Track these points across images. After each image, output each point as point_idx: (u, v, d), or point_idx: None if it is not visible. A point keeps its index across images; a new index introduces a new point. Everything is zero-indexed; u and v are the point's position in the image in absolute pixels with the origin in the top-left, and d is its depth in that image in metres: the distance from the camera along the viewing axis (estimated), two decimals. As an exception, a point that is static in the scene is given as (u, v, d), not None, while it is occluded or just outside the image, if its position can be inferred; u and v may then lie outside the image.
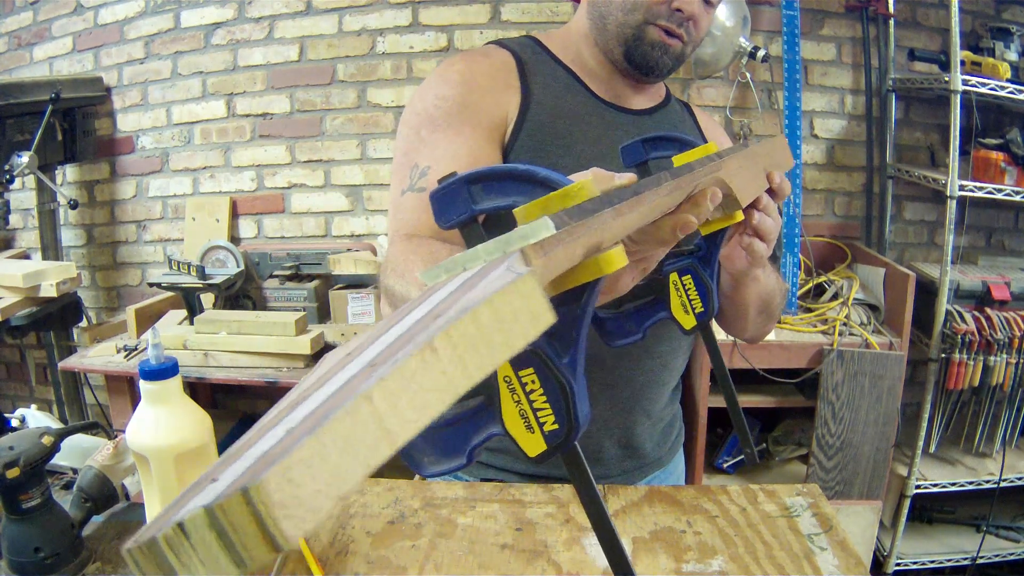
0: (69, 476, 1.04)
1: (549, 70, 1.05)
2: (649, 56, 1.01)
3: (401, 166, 0.98)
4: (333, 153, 2.52)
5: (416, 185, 0.94)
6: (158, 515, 0.21)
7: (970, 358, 1.99)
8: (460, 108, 0.96)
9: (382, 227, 2.54)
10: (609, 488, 0.96)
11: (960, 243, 2.22)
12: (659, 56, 1.01)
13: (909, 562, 2.18)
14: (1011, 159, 2.04)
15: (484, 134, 0.95)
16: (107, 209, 2.71)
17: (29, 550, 0.79)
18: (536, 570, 0.82)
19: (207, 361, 2.06)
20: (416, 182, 0.94)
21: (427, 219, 0.85)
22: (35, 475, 0.79)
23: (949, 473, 2.16)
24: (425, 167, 0.93)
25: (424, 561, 0.83)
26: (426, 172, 0.93)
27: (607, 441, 1.07)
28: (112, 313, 2.76)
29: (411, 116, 0.99)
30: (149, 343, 0.74)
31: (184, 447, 0.74)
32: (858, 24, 2.31)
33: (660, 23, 0.99)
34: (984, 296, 2.10)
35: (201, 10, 2.48)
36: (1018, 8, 2.29)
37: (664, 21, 0.99)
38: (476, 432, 0.43)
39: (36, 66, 2.66)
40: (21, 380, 2.91)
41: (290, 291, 2.32)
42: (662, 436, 1.14)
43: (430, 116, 0.96)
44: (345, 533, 0.89)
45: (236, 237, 2.61)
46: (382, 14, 2.40)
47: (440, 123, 0.96)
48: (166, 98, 2.58)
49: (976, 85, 1.95)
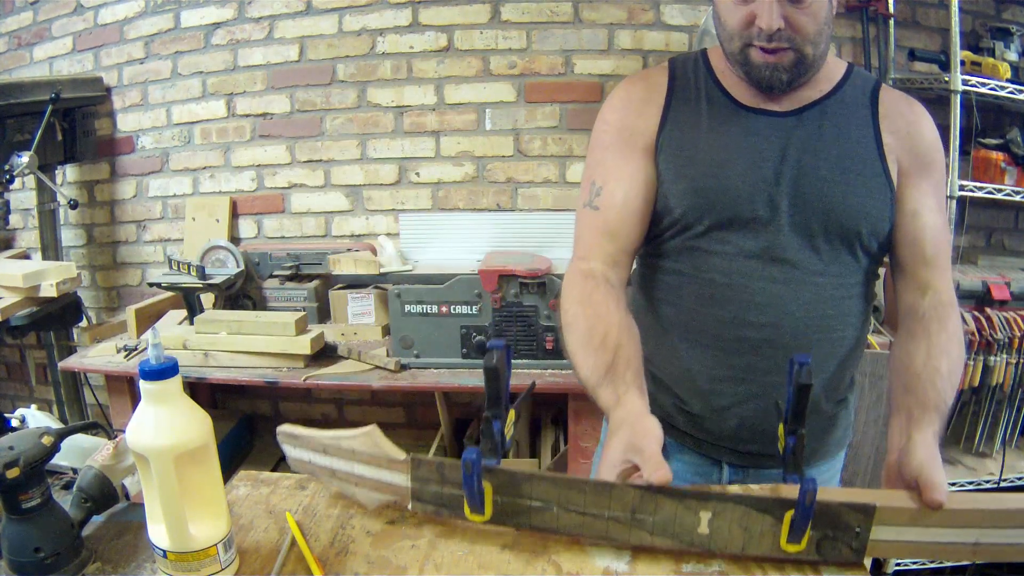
0: (69, 476, 1.04)
1: (699, 84, 1.13)
2: (762, 76, 1.04)
3: (584, 180, 1.15)
4: (333, 153, 2.52)
5: (592, 202, 1.12)
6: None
7: (970, 358, 1.99)
8: (620, 130, 1.13)
9: (382, 227, 2.54)
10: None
11: (960, 243, 2.22)
12: (770, 74, 1.03)
13: (909, 562, 2.18)
14: (1011, 159, 2.04)
15: (640, 153, 1.11)
16: (107, 209, 2.71)
17: (29, 550, 0.79)
18: (536, 570, 0.82)
19: (207, 361, 2.06)
20: (592, 199, 1.12)
21: (598, 241, 1.09)
22: (35, 475, 0.79)
23: (949, 473, 2.16)
24: (599, 186, 1.12)
25: (424, 561, 0.83)
26: (600, 191, 1.11)
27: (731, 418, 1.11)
28: (112, 313, 2.76)
29: (592, 138, 1.17)
30: (149, 343, 0.74)
31: (184, 447, 0.74)
32: (858, 24, 2.31)
33: (757, 43, 1.02)
34: (984, 296, 2.10)
35: (201, 10, 2.48)
36: (1018, 8, 2.29)
37: (759, 41, 1.01)
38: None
39: (36, 66, 2.66)
40: (21, 380, 2.91)
41: (290, 291, 2.32)
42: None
43: (600, 139, 1.14)
44: (345, 533, 0.89)
45: (236, 237, 2.62)
46: (382, 14, 2.40)
47: (608, 145, 1.13)
48: (166, 98, 2.57)
49: (976, 85, 1.95)
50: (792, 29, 1.00)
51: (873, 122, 1.09)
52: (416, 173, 2.50)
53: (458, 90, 2.43)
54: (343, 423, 2.72)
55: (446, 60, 2.41)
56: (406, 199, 2.52)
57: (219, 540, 0.78)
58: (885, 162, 1.07)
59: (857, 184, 1.05)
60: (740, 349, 1.08)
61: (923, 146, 1.09)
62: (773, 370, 1.07)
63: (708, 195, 1.08)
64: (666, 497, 0.83)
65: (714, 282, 1.08)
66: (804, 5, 0.99)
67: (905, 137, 1.08)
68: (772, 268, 1.06)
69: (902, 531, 0.81)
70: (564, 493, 0.85)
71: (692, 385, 1.13)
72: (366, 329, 2.26)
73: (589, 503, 0.84)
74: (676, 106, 1.12)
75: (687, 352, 1.12)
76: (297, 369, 2.04)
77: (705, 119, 1.11)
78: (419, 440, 2.54)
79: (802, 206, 1.05)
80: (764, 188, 1.06)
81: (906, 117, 1.10)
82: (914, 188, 1.08)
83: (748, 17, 1.01)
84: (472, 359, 2.01)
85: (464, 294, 1.96)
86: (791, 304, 1.06)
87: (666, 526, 0.83)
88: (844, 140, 1.07)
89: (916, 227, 1.09)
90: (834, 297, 1.08)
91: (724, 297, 1.08)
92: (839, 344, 1.11)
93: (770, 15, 0.98)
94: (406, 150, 2.49)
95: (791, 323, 1.06)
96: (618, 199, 1.10)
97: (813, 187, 1.05)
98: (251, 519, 0.92)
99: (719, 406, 1.12)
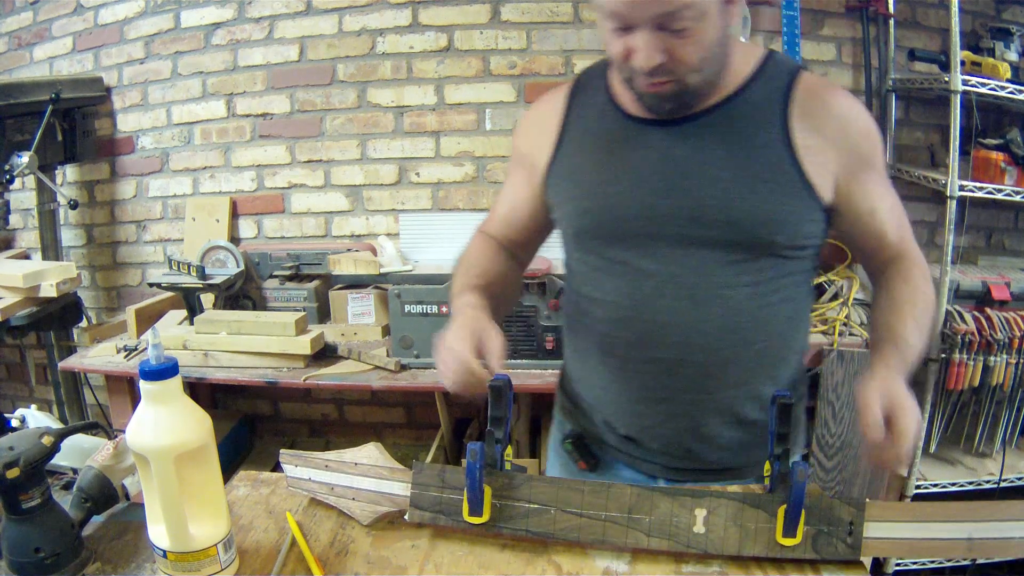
0: (69, 476, 1.04)
1: (595, 99, 1.11)
2: (651, 105, 1.00)
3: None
4: (333, 153, 2.52)
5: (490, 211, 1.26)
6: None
7: (970, 358, 1.99)
8: (517, 155, 1.20)
9: (382, 227, 2.55)
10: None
11: (960, 243, 2.21)
12: (659, 103, 0.99)
13: (909, 562, 2.18)
14: (1011, 159, 2.04)
15: (528, 175, 1.17)
16: (107, 209, 2.71)
17: (29, 550, 0.79)
18: (536, 570, 0.82)
19: (207, 361, 2.06)
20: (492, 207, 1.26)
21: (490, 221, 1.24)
22: (35, 475, 0.79)
23: (949, 473, 2.16)
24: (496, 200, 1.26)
25: (424, 561, 0.83)
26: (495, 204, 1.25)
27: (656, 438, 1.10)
28: (112, 313, 2.76)
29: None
30: (149, 343, 0.74)
31: (184, 447, 0.74)
32: (858, 24, 2.31)
33: (639, 77, 0.96)
34: (984, 296, 2.10)
35: (201, 10, 2.48)
36: (1018, 8, 2.28)
37: (641, 76, 0.95)
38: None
39: (36, 66, 2.66)
40: (21, 380, 2.91)
41: (290, 291, 2.32)
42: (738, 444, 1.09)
43: (512, 154, 1.23)
44: (345, 533, 0.89)
45: (236, 237, 2.62)
46: (382, 14, 2.40)
47: (511, 164, 1.23)
48: (166, 98, 2.58)
49: (976, 85, 1.94)
50: (673, 61, 0.92)
51: (783, 123, 0.99)
52: (416, 173, 2.50)
53: (458, 90, 2.43)
54: (343, 423, 2.72)
55: (446, 60, 2.41)
56: (406, 199, 2.52)
57: (219, 540, 0.78)
58: (800, 164, 0.98)
59: (766, 192, 0.98)
60: (654, 371, 1.04)
61: (858, 139, 1.01)
62: (692, 388, 1.04)
63: (595, 215, 1.05)
64: (662, 495, 0.84)
65: (619, 305, 1.05)
66: (685, 35, 0.90)
67: (837, 137, 1.00)
68: (673, 285, 1.01)
69: (896, 527, 0.81)
70: (562, 494, 0.86)
71: (616, 407, 1.11)
72: (366, 329, 2.26)
73: (587, 504, 0.85)
74: (570, 128, 1.11)
75: (606, 375, 1.10)
76: (297, 369, 2.04)
77: (595, 138, 1.08)
78: (419, 440, 2.54)
79: (701, 219, 0.99)
80: (652, 203, 1.01)
81: (831, 112, 1.00)
82: (862, 185, 1.02)
83: (627, 50, 0.93)
84: (472, 359, 2.00)
85: (464, 294, 1.96)
86: (700, 322, 1.01)
87: (662, 526, 0.83)
88: (750, 145, 0.99)
89: (876, 223, 1.06)
90: (749, 308, 1.01)
91: (630, 319, 1.04)
92: (763, 355, 1.04)
93: (647, 54, 0.90)
94: (406, 150, 2.49)
95: (702, 340, 1.01)
96: (503, 210, 1.22)
97: (714, 198, 0.98)
98: (251, 519, 0.92)
99: (644, 425, 1.09)
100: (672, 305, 1.01)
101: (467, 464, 0.84)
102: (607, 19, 0.93)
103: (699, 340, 1.01)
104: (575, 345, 1.17)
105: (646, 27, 0.89)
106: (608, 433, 1.14)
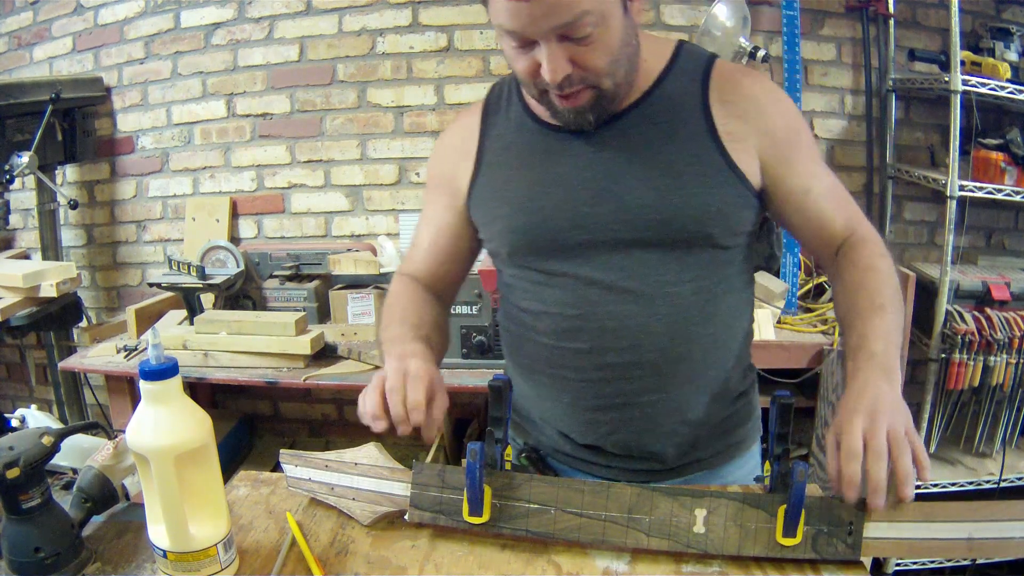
0: (69, 476, 1.04)
1: (509, 113, 1.08)
2: (567, 120, 0.97)
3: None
4: (333, 153, 2.52)
5: (414, 239, 1.19)
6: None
7: (970, 358, 1.99)
8: (434, 178, 1.16)
9: (382, 227, 2.55)
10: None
11: (960, 243, 2.21)
12: (575, 118, 0.96)
13: (909, 562, 2.18)
14: (1011, 159, 2.04)
15: (448, 200, 1.13)
16: (107, 209, 2.71)
17: (29, 550, 0.79)
18: (536, 570, 0.82)
19: (207, 361, 2.06)
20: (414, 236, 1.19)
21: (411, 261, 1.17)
22: (35, 475, 0.79)
23: (949, 473, 2.16)
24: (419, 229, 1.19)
25: (424, 561, 0.83)
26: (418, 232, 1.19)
27: (614, 444, 1.07)
28: (112, 313, 2.76)
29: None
30: (149, 343, 0.74)
31: (184, 447, 0.74)
32: (858, 24, 2.31)
33: (550, 94, 0.94)
34: (984, 296, 2.10)
35: (201, 10, 2.48)
36: (1018, 8, 2.28)
37: (553, 92, 0.93)
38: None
39: (36, 66, 2.66)
40: (21, 380, 2.91)
41: (290, 291, 2.32)
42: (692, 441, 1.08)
43: (427, 182, 1.19)
44: (345, 533, 0.89)
45: (236, 237, 2.62)
46: (382, 14, 2.40)
47: (427, 193, 1.18)
48: (166, 98, 2.58)
49: (976, 85, 1.94)
50: (582, 69, 0.90)
51: (704, 112, 0.98)
52: (416, 173, 2.50)
53: (458, 90, 2.43)
54: (343, 423, 2.72)
55: (446, 60, 2.41)
56: (406, 199, 2.52)
57: (219, 540, 0.78)
58: (726, 152, 0.97)
59: (696, 185, 0.97)
60: (606, 377, 1.02)
61: (777, 120, 0.99)
62: (647, 389, 1.02)
63: (527, 232, 1.03)
64: (662, 495, 0.84)
65: (564, 315, 1.02)
66: (588, 42, 0.87)
67: (755, 119, 0.98)
68: (617, 290, 0.99)
69: (896, 528, 0.81)
70: (562, 494, 0.86)
71: (569, 419, 1.08)
72: (366, 329, 2.26)
73: (587, 504, 0.85)
74: (488, 145, 1.08)
75: (556, 388, 1.07)
76: (297, 369, 2.04)
77: (516, 152, 1.05)
78: (419, 439, 2.53)
79: (635, 221, 0.97)
80: (584, 212, 0.99)
81: (747, 95, 0.99)
82: (790, 166, 1.00)
83: (534, 65, 0.90)
84: (472, 359, 2.01)
85: (464, 294, 1.96)
86: (649, 322, 0.99)
87: (662, 526, 0.83)
88: (671, 140, 0.98)
89: (812, 203, 1.01)
90: (696, 303, 1.00)
91: (576, 328, 1.01)
92: (715, 346, 1.04)
93: (553, 66, 0.88)
94: (406, 150, 2.49)
95: (653, 341, 1.00)
96: (425, 241, 1.16)
97: (644, 199, 0.97)
98: (251, 519, 0.92)
99: (600, 433, 1.06)
100: (619, 310, 1.00)
101: (467, 464, 0.84)
102: (507, 37, 0.90)
103: (649, 341, 1.00)
104: (518, 363, 1.13)
105: (548, 40, 0.87)
106: (565, 444, 1.11)
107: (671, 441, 1.06)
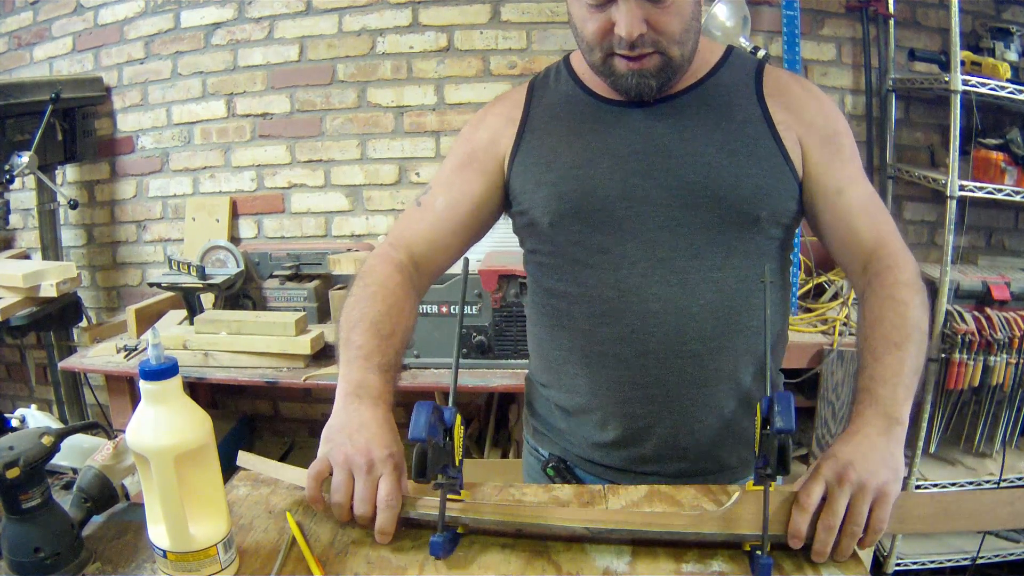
0: (69, 476, 1.04)
1: (560, 88, 1.08)
2: (629, 86, 0.97)
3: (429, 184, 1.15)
4: (333, 153, 2.52)
5: (419, 200, 1.13)
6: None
7: (970, 358, 1.99)
8: (465, 151, 1.11)
9: (382, 227, 2.55)
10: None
11: (960, 243, 2.22)
12: (637, 82, 0.96)
13: (909, 562, 2.18)
14: (1011, 159, 2.04)
15: (477, 173, 1.09)
16: (107, 209, 2.71)
17: (29, 550, 0.79)
18: (536, 570, 0.82)
19: (207, 361, 2.06)
20: (420, 197, 1.13)
21: (413, 237, 1.10)
22: (35, 475, 0.79)
23: (949, 473, 2.16)
24: (430, 188, 1.13)
25: (424, 561, 0.83)
26: (428, 191, 1.13)
27: (650, 438, 1.03)
28: (112, 313, 2.76)
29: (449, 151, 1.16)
30: (149, 343, 0.74)
31: (184, 447, 0.74)
32: (858, 24, 2.31)
33: (619, 52, 0.94)
34: (984, 296, 2.10)
35: (201, 10, 2.48)
36: (1018, 8, 2.29)
37: (621, 49, 0.93)
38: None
39: (36, 66, 2.66)
40: (21, 380, 2.91)
41: (290, 291, 2.32)
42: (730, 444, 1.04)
43: (452, 154, 1.14)
44: (345, 533, 0.89)
45: (236, 237, 2.62)
46: (382, 14, 2.40)
47: (453, 162, 1.12)
48: (166, 98, 2.58)
49: (976, 85, 1.94)
50: (655, 31, 0.91)
51: (759, 100, 1.00)
52: (416, 173, 2.50)
53: (458, 90, 2.43)
54: (343, 423, 2.71)
55: (446, 60, 2.41)
56: (406, 199, 2.52)
57: (219, 540, 0.78)
58: (780, 139, 0.98)
59: (750, 165, 0.96)
60: (645, 364, 0.99)
61: (822, 118, 1.01)
62: (685, 381, 0.99)
63: (573, 199, 1.00)
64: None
65: (603, 298, 0.99)
66: (666, 4, 0.89)
67: (802, 111, 1.00)
68: (663, 271, 0.97)
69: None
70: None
71: (603, 413, 1.04)
72: (366, 329, 2.26)
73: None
74: (535, 116, 1.07)
75: (591, 378, 1.03)
76: (297, 369, 2.04)
77: (566, 122, 1.04)
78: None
79: (686, 198, 0.96)
80: (634, 183, 0.97)
81: (795, 92, 1.01)
82: (828, 163, 1.00)
83: (606, 25, 0.91)
84: (472, 359, 2.01)
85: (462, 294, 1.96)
86: (692, 306, 0.97)
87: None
88: (728, 121, 0.98)
89: (844, 205, 1.00)
90: (740, 291, 0.98)
91: (617, 311, 0.98)
92: (755, 339, 1.01)
93: (629, 21, 0.89)
94: (406, 150, 2.49)
95: (695, 327, 0.97)
96: (439, 205, 1.09)
97: (697, 175, 0.96)
98: (251, 519, 0.92)
99: (636, 428, 1.03)
100: (661, 292, 0.97)
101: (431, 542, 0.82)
102: None
103: (692, 328, 0.97)
104: (548, 357, 1.09)
105: None
106: (595, 451, 1.07)
107: (703, 441, 1.03)
